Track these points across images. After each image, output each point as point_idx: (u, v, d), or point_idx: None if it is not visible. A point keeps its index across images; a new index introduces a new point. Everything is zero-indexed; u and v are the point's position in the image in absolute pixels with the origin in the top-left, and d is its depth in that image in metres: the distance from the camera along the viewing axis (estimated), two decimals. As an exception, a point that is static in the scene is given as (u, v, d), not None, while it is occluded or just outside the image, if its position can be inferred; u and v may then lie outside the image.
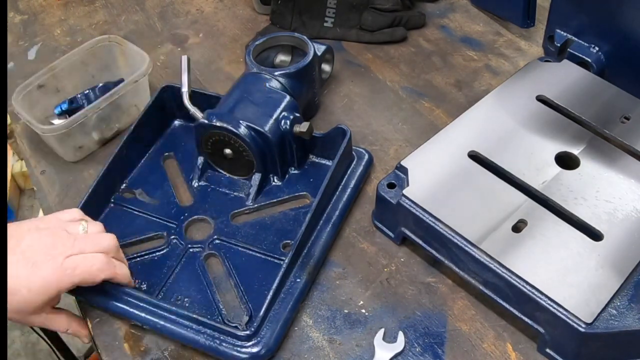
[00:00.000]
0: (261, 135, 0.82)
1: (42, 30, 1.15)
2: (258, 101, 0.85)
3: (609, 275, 0.69)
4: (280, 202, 0.85)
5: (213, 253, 0.80)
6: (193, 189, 0.87)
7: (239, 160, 0.85)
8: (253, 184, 0.86)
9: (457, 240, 0.73)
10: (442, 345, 0.72)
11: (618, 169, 0.79)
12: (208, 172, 0.89)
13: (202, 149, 0.87)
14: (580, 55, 0.93)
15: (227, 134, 0.82)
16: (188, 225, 0.83)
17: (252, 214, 0.84)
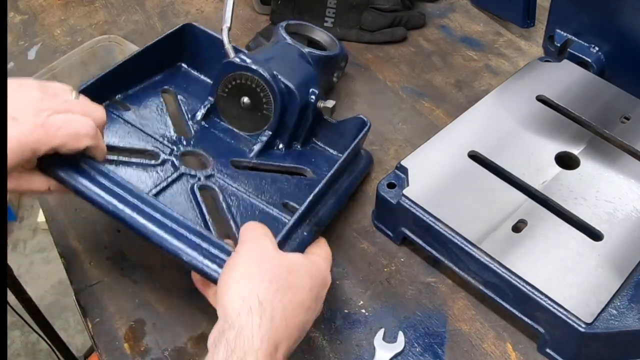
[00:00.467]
0: (290, 93, 0.81)
1: (42, 30, 1.15)
2: (292, 65, 0.85)
3: (609, 275, 0.69)
4: (281, 168, 0.83)
5: (210, 186, 0.76)
6: (192, 126, 0.84)
7: (254, 112, 0.83)
8: (260, 141, 0.83)
9: (457, 240, 0.73)
10: (442, 345, 0.72)
11: (618, 169, 0.79)
12: (212, 117, 0.86)
13: (218, 91, 0.84)
14: (580, 55, 0.93)
15: (256, 79, 0.80)
16: (185, 154, 0.79)
17: (252, 169, 0.81)
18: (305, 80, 0.84)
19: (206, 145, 0.82)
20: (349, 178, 0.82)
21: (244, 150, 0.83)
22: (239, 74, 0.81)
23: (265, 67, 0.80)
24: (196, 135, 0.83)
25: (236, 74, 0.82)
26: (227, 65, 0.82)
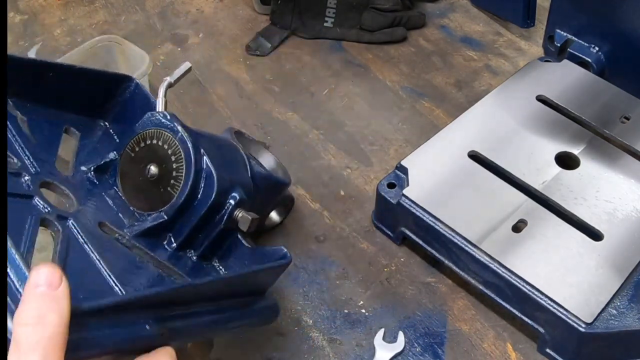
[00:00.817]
0: (208, 179, 0.64)
1: (42, 30, 1.15)
2: (225, 156, 0.69)
3: (609, 275, 0.69)
4: (157, 262, 0.64)
5: (55, 225, 0.59)
6: (79, 171, 0.67)
7: (157, 186, 0.65)
8: (148, 220, 0.64)
9: (457, 240, 0.73)
10: (442, 345, 0.72)
11: (618, 169, 0.79)
12: (106, 177, 0.68)
13: (127, 148, 0.67)
14: (580, 55, 0.93)
15: (175, 144, 0.64)
16: (47, 184, 0.63)
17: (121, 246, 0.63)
18: (233, 179, 0.66)
19: (79, 193, 0.65)
20: (238, 312, 0.62)
21: (122, 221, 0.65)
22: (158, 131, 0.65)
23: (191, 135, 0.64)
24: (75, 179, 0.66)
25: (153, 131, 0.65)
26: (149, 117, 0.66)
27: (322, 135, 0.95)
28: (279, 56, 1.08)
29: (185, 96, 1.01)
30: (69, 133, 0.71)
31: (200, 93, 1.02)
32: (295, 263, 0.80)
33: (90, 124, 0.73)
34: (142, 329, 0.52)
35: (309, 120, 0.97)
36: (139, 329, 0.52)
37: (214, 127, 0.96)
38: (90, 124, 0.73)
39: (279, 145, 0.94)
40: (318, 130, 0.96)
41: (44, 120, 0.68)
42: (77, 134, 0.71)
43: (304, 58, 1.07)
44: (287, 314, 0.75)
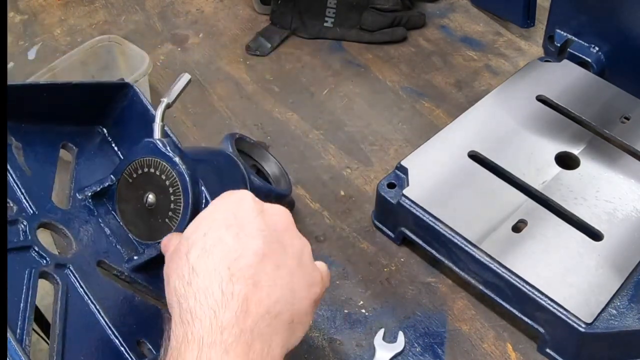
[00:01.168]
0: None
1: (42, 30, 1.15)
2: (224, 180, 0.69)
3: (609, 275, 0.69)
4: (158, 294, 0.63)
5: (54, 278, 0.59)
6: (75, 200, 0.66)
7: (155, 216, 0.63)
8: (147, 253, 0.63)
9: (457, 240, 0.73)
10: (442, 345, 0.72)
11: (618, 169, 0.79)
12: (104, 201, 0.67)
13: (124, 173, 0.65)
14: (580, 55, 0.93)
15: (172, 175, 0.62)
16: (44, 225, 0.63)
17: (121, 282, 0.64)
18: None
19: (78, 228, 0.64)
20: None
21: (122, 255, 0.65)
22: (155, 160, 0.63)
23: (188, 166, 0.62)
24: (73, 212, 0.65)
25: (151, 160, 0.63)
26: (146, 145, 0.63)
27: (322, 135, 0.95)
28: (279, 56, 1.08)
29: (185, 96, 1.00)
30: (66, 149, 0.70)
31: (200, 93, 1.02)
32: (295, 263, 0.80)
33: (87, 132, 0.72)
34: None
35: (309, 120, 0.97)
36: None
37: (214, 127, 0.96)
38: (87, 132, 0.72)
39: (279, 145, 0.94)
40: (318, 130, 0.96)
41: (39, 142, 0.68)
42: (74, 150, 0.70)
43: (304, 58, 1.07)
44: (287, 314, 0.75)
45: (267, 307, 0.49)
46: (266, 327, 0.48)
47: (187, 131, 0.96)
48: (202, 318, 0.47)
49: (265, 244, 0.51)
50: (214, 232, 0.51)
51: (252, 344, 0.47)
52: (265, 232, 0.52)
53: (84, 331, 0.57)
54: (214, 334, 0.46)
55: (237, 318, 0.47)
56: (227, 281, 0.48)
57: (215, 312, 0.47)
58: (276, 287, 0.50)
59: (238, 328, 0.47)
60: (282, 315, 0.50)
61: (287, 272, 0.51)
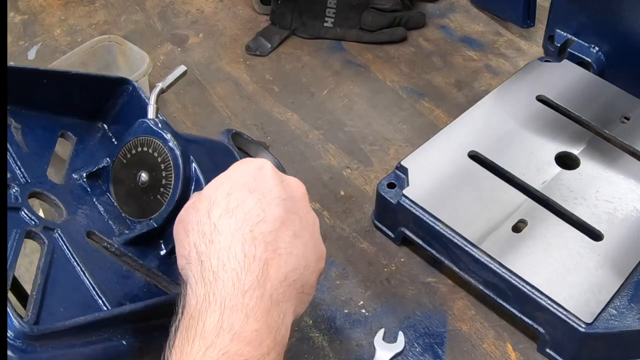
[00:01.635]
0: (197, 188, 0.64)
1: (42, 30, 1.15)
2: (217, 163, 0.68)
3: (609, 275, 0.69)
4: (147, 272, 0.63)
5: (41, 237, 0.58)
6: (70, 178, 0.67)
7: (148, 194, 0.65)
8: (138, 228, 0.64)
9: (457, 240, 0.73)
10: (442, 345, 0.72)
11: (618, 169, 0.79)
12: (99, 182, 0.68)
13: (119, 154, 0.67)
14: (580, 55, 0.93)
15: (165, 152, 0.64)
16: (36, 195, 0.63)
17: (110, 254, 0.63)
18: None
19: (70, 201, 0.64)
20: None
21: (112, 229, 0.65)
22: (148, 139, 0.65)
23: (180, 143, 0.64)
24: (66, 187, 0.66)
25: (144, 139, 0.65)
26: (139, 125, 0.66)
27: (322, 135, 0.95)
28: (279, 56, 1.08)
29: (185, 96, 1.01)
30: (65, 138, 0.71)
31: (200, 93, 1.02)
32: (295, 263, 0.80)
33: (88, 126, 0.73)
34: (119, 345, 0.53)
35: (309, 120, 0.97)
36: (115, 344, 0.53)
37: (214, 127, 0.96)
38: (88, 127, 0.73)
39: (279, 145, 0.94)
40: (318, 130, 0.96)
41: (39, 127, 0.68)
42: (73, 139, 0.71)
43: (304, 58, 1.07)
44: (287, 314, 0.75)
45: (284, 274, 0.50)
46: (282, 293, 0.49)
47: (187, 131, 0.95)
48: (225, 279, 0.48)
49: (285, 212, 0.52)
50: (237, 193, 0.52)
51: (270, 310, 0.48)
52: (285, 201, 0.53)
53: (66, 287, 0.56)
54: (236, 296, 0.47)
55: (258, 282, 0.48)
56: (250, 244, 0.49)
57: (238, 274, 0.48)
58: (292, 256, 0.51)
59: (259, 292, 0.48)
60: (296, 283, 0.51)
61: (302, 242, 0.52)
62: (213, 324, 0.46)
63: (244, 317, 0.46)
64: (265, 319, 0.47)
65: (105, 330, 0.53)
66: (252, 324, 0.46)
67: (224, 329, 0.46)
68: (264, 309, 0.48)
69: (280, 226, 0.51)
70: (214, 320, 0.46)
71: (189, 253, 0.51)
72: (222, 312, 0.46)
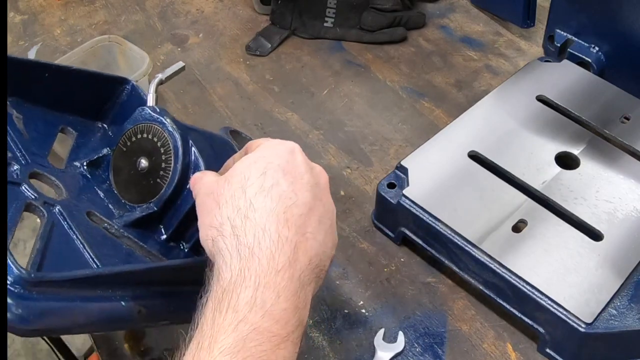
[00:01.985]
0: (197, 171, 0.64)
1: (42, 30, 1.15)
2: (217, 150, 0.70)
3: (609, 275, 0.69)
4: (147, 252, 0.63)
5: (40, 210, 0.59)
6: (72, 165, 0.68)
7: (147, 179, 0.65)
8: (137, 211, 0.64)
9: (457, 240, 0.73)
10: (442, 345, 0.72)
11: (618, 169, 0.79)
12: (99, 171, 0.68)
13: (119, 142, 0.67)
14: (580, 55, 0.93)
15: (164, 136, 0.64)
16: (36, 175, 0.63)
17: (109, 233, 0.63)
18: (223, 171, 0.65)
19: (71, 185, 0.65)
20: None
21: (112, 212, 0.66)
22: (148, 125, 0.66)
23: (179, 128, 0.64)
24: (68, 172, 0.67)
25: (144, 125, 0.66)
26: (139, 112, 0.67)
27: (322, 135, 0.95)
28: (279, 56, 1.08)
29: (185, 96, 1.01)
30: (65, 132, 0.71)
31: (200, 93, 1.02)
32: (295, 263, 0.80)
33: (88, 125, 0.73)
34: (117, 305, 0.54)
35: (309, 120, 0.97)
36: (114, 305, 0.53)
37: (214, 127, 0.95)
38: (88, 126, 0.73)
39: (279, 145, 0.93)
40: (318, 130, 0.96)
41: (40, 120, 0.69)
42: (73, 134, 0.71)
43: (304, 58, 1.07)
44: (287, 314, 0.75)
45: (310, 257, 0.52)
46: (307, 276, 0.51)
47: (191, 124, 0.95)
48: (261, 257, 0.49)
49: (313, 198, 0.54)
50: (272, 173, 0.53)
51: (297, 291, 0.50)
52: (314, 187, 0.55)
53: (65, 255, 0.57)
54: (270, 274, 0.49)
55: (290, 263, 0.50)
56: (283, 225, 0.51)
57: (272, 253, 0.49)
58: (316, 241, 0.53)
59: (289, 273, 0.49)
60: (317, 268, 0.53)
61: (324, 228, 0.54)
62: (247, 299, 0.47)
63: (276, 296, 0.48)
64: (293, 299, 0.49)
65: (103, 288, 0.53)
66: (282, 303, 0.48)
67: (257, 305, 0.47)
68: (293, 290, 0.49)
69: (308, 211, 0.53)
70: (247, 295, 0.47)
71: (220, 225, 0.52)
72: (256, 288, 0.48)
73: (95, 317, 0.52)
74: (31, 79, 0.68)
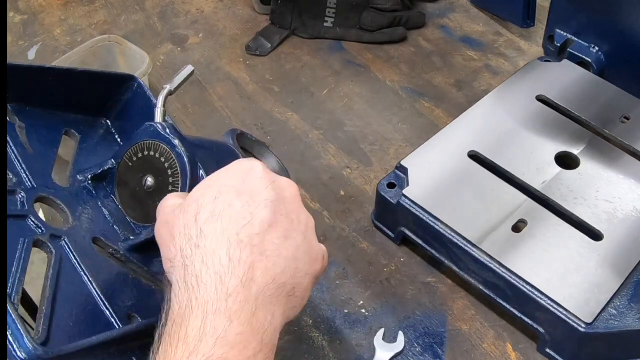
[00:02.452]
0: None
1: (42, 30, 1.15)
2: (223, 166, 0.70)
3: (609, 275, 0.69)
4: (152, 278, 0.63)
5: (48, 247, 0.59)
6: (75, 181, 0.67)
7: (154, 198, 0.64)
8: (144, 234, 0.63)
9: (457, 240, 0.73)
10: (442, 345, 0.72)
11: (618, 169, 0.79)
12: (103, 184, 0.68)
13: (125, 156, 0.66)
14: (580, 55, 0.93)
15: (172, 157, 0.63)
16: (41, 200, 0.63)
17: (115, 260, 0.63)
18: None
19: (76, 206, 0.64)
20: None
21: (119, 235, 0.65)
22: (155, 143, 0.64)
23: (187, 149, 0.63)
24: (72, 191, 0.66)
25: (151, 143, 0.64)
26: (146, 128, 0.65)
27: (322, 135, 0.95)
28: (279, 56, 1.08)
29: (185, 96, 1.01)
30: (69, 135, 0.71)
31: (200, 93, 1.02)
32: (295, 263, 0.80)
33: (92, 122, 0.72)
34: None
35: (309, 120, 0.97)
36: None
37: (214, 127, 0.96)
38: (92, 123, 0.72)
39: (279, 145, 0.94)
40: (318, 130, 0.96)
41: (43, 125, 0.68)
42: (77, 137, 0.71)
43: (304, 58, 1.07)
44: (287, 314, 0.75)
45: (272, 276, 0.49)
46: (270, 296, 0.49)
47: (187, 131, 0.95)
48: (208, 283, 0.47)
49: (274, 214, 0.51)
50: (224, 196, 0.51)
51: (256, 313, 0.47)
52: (275, 202, 0.52)
53: (74, 300, 0.57)
54: (219, 301, 0.46)
55: (243, 285, 0.47)
56: (235, 247, 0.49)
57: (221, 277, 0.47)
58: (281, 258, 0.50)
59: (243, 295, 0.47)
60: (285, 286, 0.50)
61: (293, 244, 0.52)
62: (196, 330, 0.45)
63: (228, 321, 0.46)
64: (250, 322, 0.47)
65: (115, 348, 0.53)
66: (236, 328, 0.46)
67: (207, 334, 0.45)
68: (249, 312, 0.47)
69: (268, 228, 0.51)
70: (196, 326, 0.46)
71: (174, 257, 0.50)
72: (204, 317, 0.46)
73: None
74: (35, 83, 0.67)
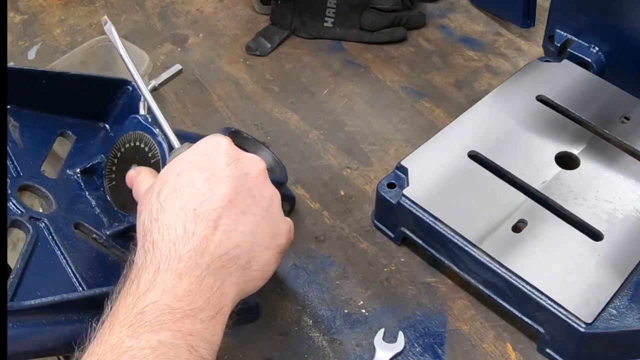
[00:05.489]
0: None
1: (42, 30, 1.15)
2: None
3: (609, 275, 0.69)
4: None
5: (26, 226, 0.60)
6: (64, 174, 0.68)
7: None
8: (128, 221, 0.66)
9: (457, 240, 0.73)
10: (442, 345, 0.72)
11: (618, 169, 0.79)
12: (93, 178, 0.70)
13: (113, 149, 0.69)
14: (580, 55, 0.93)
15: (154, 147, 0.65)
16: (26, 188, 0.64)
17: (98, 245, 0.65)
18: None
19: (61, 194, 0.66)
20: None
21: (103, 222, 0.67)
22: (139, 134, 0.67)
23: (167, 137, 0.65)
24: (60, 182, 0.67)
25: (136, 134, 0.67)
26: (131, 120, 0.68)
27: (322, 135, 0.95)
28: (279, 56, 1.08)
29: (185, 96, 1.01)
30: (64, 136, 0.72)
31: (200, 93, 1.02)
32: (295, 263, 0.80)
33: (90, 126, 0.74)
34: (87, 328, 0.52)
35: (309, 120, 0.97)
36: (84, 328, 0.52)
37: (214, 127, 0.96)
38: (90, 127, 0.74)
39: (279, 145, 0.94)
40: (318, 130, 0.96)
41: (38, 127, 0.70)
42: (72, 137, 0.72)
43: (304, 58, 1.07)
44: (287, 314, 0.75)
45: (225, 249, 0.52)
46: (221, 267, 0.51)
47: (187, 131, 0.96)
48: (162, 248, 0.50)
49: (233, 190, 0.53)
50: (186, 173, 0.54)
51: (205, 277, 0.50)
52: (237, 179, 0.54)
53: (46, 272, 0.58)
54: (171, 262, 0.50)
55: (195, 252, 0.50)
56: (191, 221, 0.51)
57: (175, 244, 0.50)
58: (237, 233, 0.53)
59: (194, 261, 0.50)
60: (239, 259, 0.52)
61: (252, 219, 0.54)
62: (147, 282, 0.49)
63: (177, 278, 0.49)
64: (198, 283, 0.49)
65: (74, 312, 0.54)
66: (185, 285, 0.49)
67: (157, 285, 0.48)
68: (198, 276, 0.50)
69: (227, 204, 0.53)
70: (147, 280, 0.49)
71: (139, 232, 0.53)
72: (156, 272, 0.49)
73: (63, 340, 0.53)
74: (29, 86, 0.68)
